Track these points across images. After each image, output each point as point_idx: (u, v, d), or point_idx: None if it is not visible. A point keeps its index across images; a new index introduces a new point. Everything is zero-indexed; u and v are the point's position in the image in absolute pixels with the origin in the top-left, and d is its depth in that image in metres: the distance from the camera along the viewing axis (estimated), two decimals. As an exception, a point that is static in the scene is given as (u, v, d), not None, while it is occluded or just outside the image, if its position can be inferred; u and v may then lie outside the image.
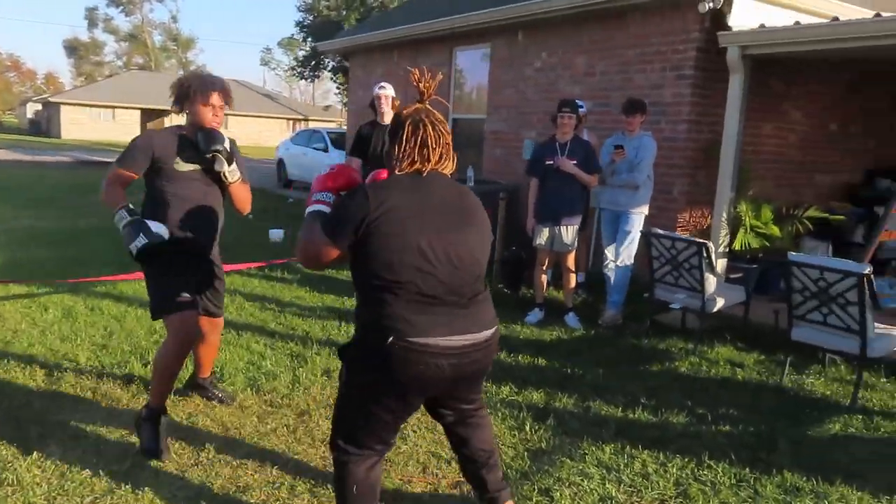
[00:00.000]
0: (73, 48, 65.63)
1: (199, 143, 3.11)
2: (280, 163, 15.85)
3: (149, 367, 4.14)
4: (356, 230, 2.02)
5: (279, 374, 4.13)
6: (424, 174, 2.12)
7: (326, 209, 2.17)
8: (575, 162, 5.29)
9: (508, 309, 5.61)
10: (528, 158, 5.86)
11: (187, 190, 3.16)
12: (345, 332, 4.99)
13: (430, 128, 2.13)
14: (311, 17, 23.28)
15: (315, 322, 5.21)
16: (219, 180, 3.25)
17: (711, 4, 5.88)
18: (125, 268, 6.30)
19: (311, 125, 43.87)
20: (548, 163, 5.35)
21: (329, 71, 23.75)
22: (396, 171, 2.14)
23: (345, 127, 14.82)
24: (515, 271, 6.32)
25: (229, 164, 3.22)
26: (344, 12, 22.21)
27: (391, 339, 1.98)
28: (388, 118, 5.63)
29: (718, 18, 6.07)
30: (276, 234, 8.27)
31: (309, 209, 2.21)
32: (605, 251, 5.65)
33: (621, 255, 5.47)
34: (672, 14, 6.38)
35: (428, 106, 2.22)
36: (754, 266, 6.16)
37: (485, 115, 8.87)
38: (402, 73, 10.35)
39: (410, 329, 1.99)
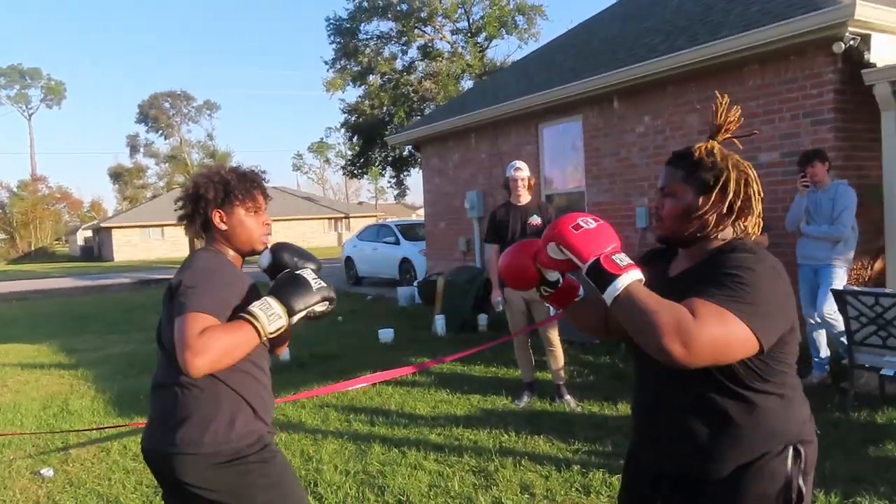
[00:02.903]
0: (117, 174, 68.52)
1: (283, 262, 2.07)
2: (348, 261, 15.67)
3: (323, 500, 3.65)
4: (784, 329, 1.49)
5: (475, 497, 3.57)
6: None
7: (642, 275, 1.47)
8: None
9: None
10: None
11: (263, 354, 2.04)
12: (514, 438, 4.43)
13: (754, 174, 1.62)
14: (354, 118, 23.79)
15: (479, 428, 4.65)
16: None
17: (853, 43, 5.51)
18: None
19: (352, 222, 44.65)
20: None
21: (377, 166, 24.05)
22: (730, 235, 1.60)
23: (416, 217, 14.60)
24: None
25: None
26: (385, 108, 22.66)
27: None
28: (524, 199, 5.26)
29: (853, 57, 5.69)
30: (387, 335, 7.84)
31: (627, 279, 1.42)
32: (804, 313, 5.16)
33: (823, 311, 4.97)
34: (798, 59, 6.03)
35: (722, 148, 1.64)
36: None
37: (581, 186, 8.52)
38: (484, 156, 10.18)
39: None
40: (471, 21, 22.97)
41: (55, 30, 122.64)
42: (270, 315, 1.78)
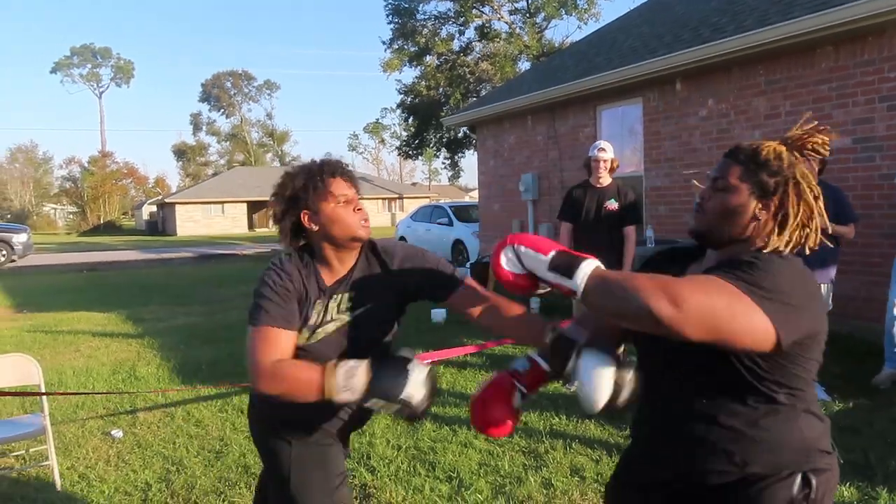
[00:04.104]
0: (181, 152, 70.70)
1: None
2: (401, 241, 15.81)
3: (376, 472, 3.74)
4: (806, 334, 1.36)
5: (525, 477, 3.60)
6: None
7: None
8: None
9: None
10: None
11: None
12: (565, 421, 4.42)
13: (817, 189, 1.48)
14: (410, 99, 23.85)
15: (529, 410, 4.64)
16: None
17: (936, 22, 5.23)
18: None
19: (406, 202, 44.96)
20: None
21: (432, 147, 24.10)
22: (781, 246, 1.46)
23: (469, 199, 14.62)
24: None
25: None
26: (441, 89, 22.64)
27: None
28: (604, 181, 5.17)
29: (936, 38, 5.41)
30: (439, 315, 7.90)
31: (589, 261, 1.36)
32: (893, 300, 4.86)
33: None
34: (876, 40, 5.75)
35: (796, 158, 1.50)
36: None
37: (640, 171, 8.36)
38: (540, 139, 10.09)
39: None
40: (529, 1, 22.64)
41: (126, 9, 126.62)
42: (346, 386, 1.65)
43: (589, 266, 1.33)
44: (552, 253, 1.38)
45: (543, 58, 19.84)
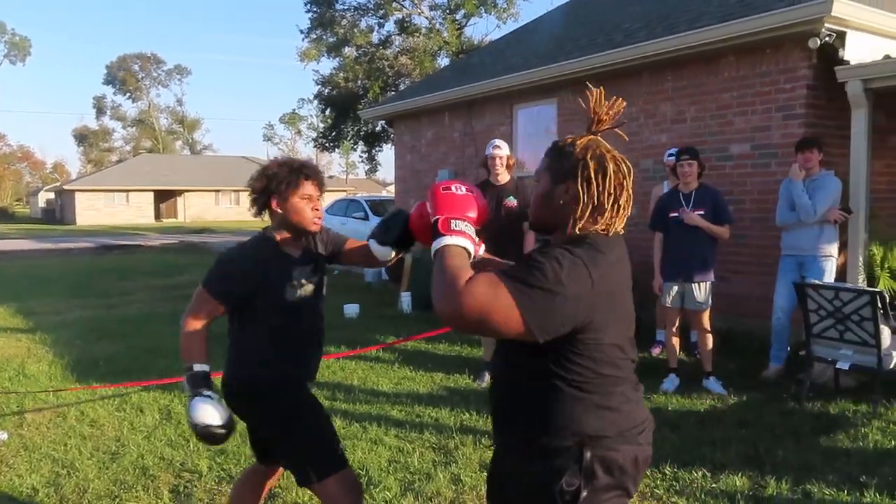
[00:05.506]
0: (82, 136, 66.76)
1: (382, 235, 2.28)
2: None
3: (286, 473, 3.63)
4: (571, 325, 1.45)
5: (434, 473, 3.59)
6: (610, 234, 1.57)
7: (472, 246, 1.54)
8: (702, 213, 4.90)
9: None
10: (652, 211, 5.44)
11: (303, 319, 2.48)
12: (475, 417, 4.45)
13: (621, 167, 1.58)
14: (327, 90, 23.41)
15: (440, 406, 4.67)
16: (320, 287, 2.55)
17: (828, 39, 5.57)
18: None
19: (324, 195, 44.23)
20: (672, 215, 4.96)
21: (349, 140, 23.77)
22: (576, 230, 1.55)
23: (386, 193, 14.53)
24: None
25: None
26: (360, 82, 22.35)
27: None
28: (502, 179, 5.22)
29: (828, 54, 5.76)
30: (352, 310, 7.80)
31: (448, 241, 1.50)
32: (778, 301, 5.30)
33: None
34: (774, 53, 6.08)
35: (601, 139, 1.63)
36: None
37: (554, 171, 8.53)
38: (457, 135, 10.12)
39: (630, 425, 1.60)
40: (450, -3, 22.66)
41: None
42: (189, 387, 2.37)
43: (442, 242, 1.50)
44: (434, 219, 1.57)
45: (462, 55, 19.92)
